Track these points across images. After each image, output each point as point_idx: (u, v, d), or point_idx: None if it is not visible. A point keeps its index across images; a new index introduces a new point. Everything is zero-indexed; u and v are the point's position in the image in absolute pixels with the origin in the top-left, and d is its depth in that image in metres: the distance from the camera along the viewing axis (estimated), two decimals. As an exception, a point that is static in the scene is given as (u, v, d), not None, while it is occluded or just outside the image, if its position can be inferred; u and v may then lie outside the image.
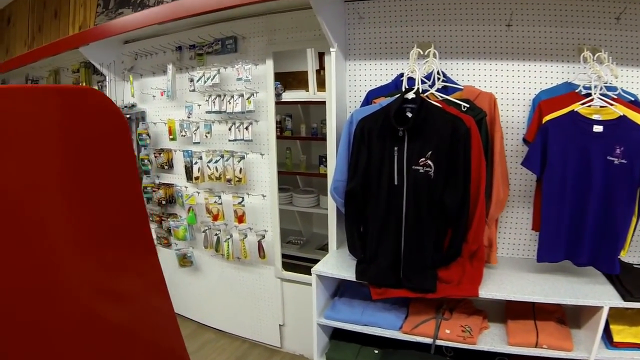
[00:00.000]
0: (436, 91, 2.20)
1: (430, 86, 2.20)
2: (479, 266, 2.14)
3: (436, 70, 2.23)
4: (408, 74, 2.22)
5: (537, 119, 2.10)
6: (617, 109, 1.92)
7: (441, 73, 2.26)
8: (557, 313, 2.17)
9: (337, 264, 2.42)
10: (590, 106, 1.97)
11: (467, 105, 2.13)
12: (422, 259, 2.10)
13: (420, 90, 2.11)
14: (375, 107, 2.23)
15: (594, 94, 1.97)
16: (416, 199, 2.08)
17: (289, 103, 3.62)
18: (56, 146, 0.77)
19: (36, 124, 0.72)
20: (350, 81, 2.65)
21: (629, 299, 1.90)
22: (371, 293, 2.21)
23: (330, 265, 2.40)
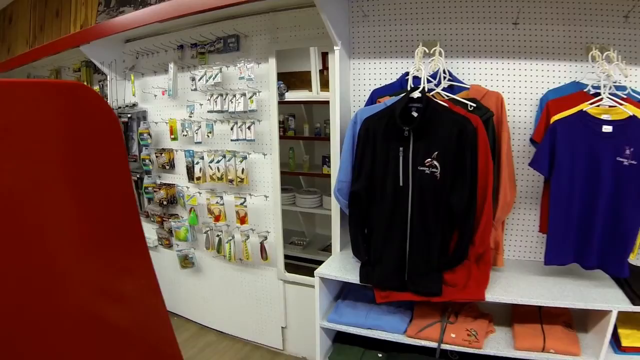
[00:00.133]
0: (442, 90, 2.17)
1: (436, 85, 2.18)
2: (485, 269, 2.10)
3: (442, 69, 2.20)
4: (413, 72, 2.19)
5: (544, 119, 2.07)
6: (626, 108, 1.89)
7: (447, 72, 2.23)
8: (564, 317, 2.14)
9: (340, 266, 2.38)
10: (599, 106, 1.94)
11: (474, 105, 2.10)
12: (428, 261, 2.07)
13: (426, 89, 2.08)
14: (380, 106, 2.19)
15: (603, 93, 1.94)
16: (422, 200, 2.04)
17: (292, 103, 3.60)
18: (51, 143, 0.75)
19: (24, 119, 0.70)
20: (355, 80, 2.62)
21: (639, 303, 1.86)
22: (375, 296, 2.18)
23: (333, 267, 2.37)
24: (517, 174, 2.30)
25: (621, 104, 1.90)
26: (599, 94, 1.95)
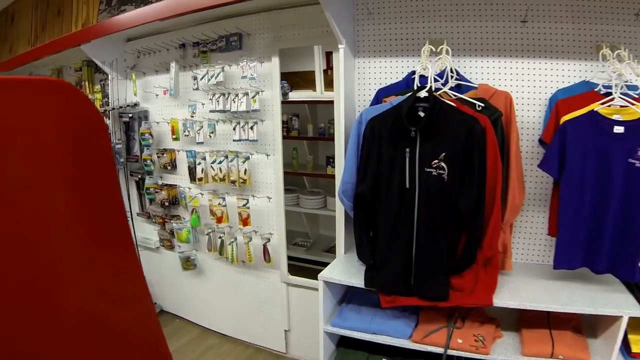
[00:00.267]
0: (449, 89, 2.13)
1: (443, 84, 2.13)
2: (493, 274, 2.06)
3: (449, 67, 2.16)
4: (420, 71, 2.15)
5: (554, 119, 2.03)
6: (638, 109, 1.85)
7: (454, 71, 2.19)
8: (573, 322, 2.09)
9: (345, 269, 2.34)
10: (610, 106, 1.90)
11: (482, 105, 2.05)
12: (434, 265, 2.02)
13: (433, 89, 2.03)
14: (386, 106, 2.15)
15: (615, 92, 1.90)
16: (428, 203, 2.00)
17: (295, 102, 3.55)
18: (44, 141, 0.75)
19: (11, 117, 0.69)
20: (359, 79, 2.58)
21: (651, 308, 1.82)
22: (380, 301, 2.14)
23: (337, 271, 2.33)
24: (526, 176, 2.26)
25: (633, 104, 1.86)
26: (610, 93, 1.91)
